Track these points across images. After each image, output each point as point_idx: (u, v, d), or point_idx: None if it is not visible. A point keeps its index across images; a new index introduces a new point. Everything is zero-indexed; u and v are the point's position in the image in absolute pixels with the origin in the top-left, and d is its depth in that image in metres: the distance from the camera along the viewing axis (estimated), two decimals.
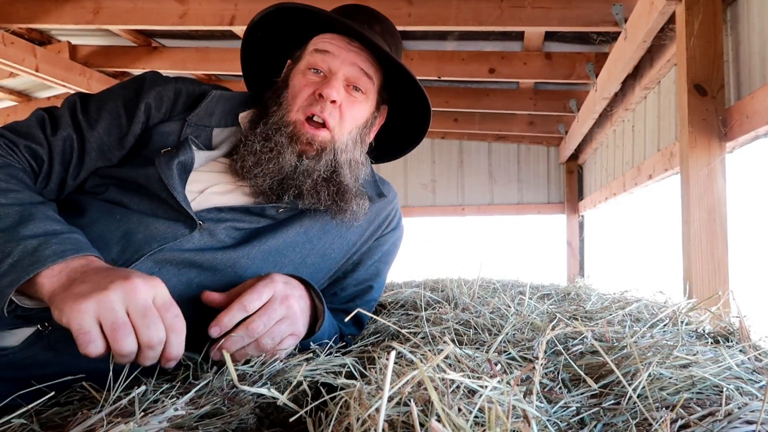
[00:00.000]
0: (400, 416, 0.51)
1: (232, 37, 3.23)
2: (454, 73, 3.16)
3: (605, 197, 3.42)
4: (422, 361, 0.67)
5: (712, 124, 1.50)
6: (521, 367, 0.72)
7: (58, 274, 0.71)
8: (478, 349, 0.80)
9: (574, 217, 4.57)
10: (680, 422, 0.53)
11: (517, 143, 4.84)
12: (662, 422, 0.52)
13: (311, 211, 1.02)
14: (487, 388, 0.52)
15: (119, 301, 0.67)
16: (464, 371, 0.65)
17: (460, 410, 0.51)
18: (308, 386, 0.69)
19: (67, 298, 0.67)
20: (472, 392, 0.56)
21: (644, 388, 0.60)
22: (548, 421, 0.56)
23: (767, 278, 2.27)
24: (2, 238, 0.72)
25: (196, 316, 0.84)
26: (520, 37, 2.91)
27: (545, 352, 0.79)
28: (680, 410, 0.55)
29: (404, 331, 0.95)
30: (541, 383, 0.65)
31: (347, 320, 1.02)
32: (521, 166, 4.85)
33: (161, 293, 0.72)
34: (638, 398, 0.59)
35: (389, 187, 1.21)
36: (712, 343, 0.86)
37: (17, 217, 0.75)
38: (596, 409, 0.59)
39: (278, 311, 0.82)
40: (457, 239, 5.42)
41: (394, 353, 0.46)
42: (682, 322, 0.97)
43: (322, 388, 0.69)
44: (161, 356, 0.71)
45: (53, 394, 0.72)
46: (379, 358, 0.74)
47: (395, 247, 1.21)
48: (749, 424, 0.52)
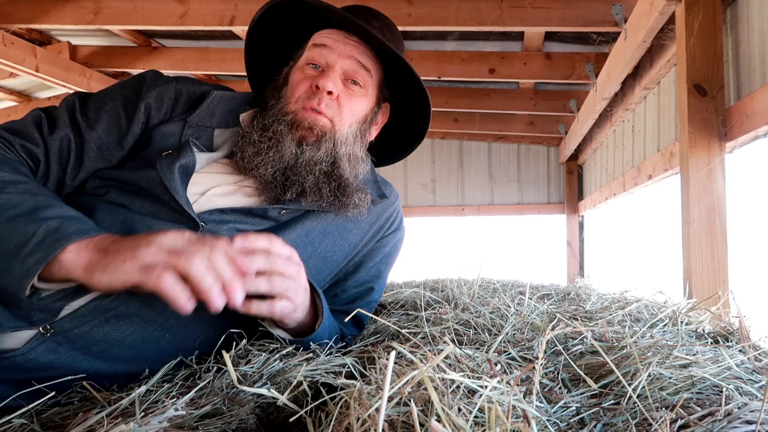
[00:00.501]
0: (400, 416, 0.51)
1: (232, 37, 3.23)
2: (454, 73, 3.16)
3: (605, 197, 3.42)
4: (422, 361, 0.67)
5: (711, 124, 1.50)
6: (521, 367, 0.72)
7: (84, 248, 0.72)
8: (478, 349, 0.80)
9: (574, 217, 4.56)
10: (680, 422, 0.53)
11: (517, 143, 4.84)
12: (662, 422, 0.52)
13: (313, 213, 1.02)
14: (487, 388, 0.52)
15: (167, 242, 0.70)
16: (464, 371, 0.65)
17: (460, 410, 0.51)
18: (308, 386, 0.69)
19: (112, 260, 0.69)
20: (472, 392, 0.56)
21: (644, 388, 0.60)
22: (548, 421, 0.56)
23: (767, 278, 2.27)
24: (23, 221, 0.73)
25: (201, 318, 0.84)
26: (520, 37, 2.91)
27: (545, 352, 0.79)
28: (680, 410, 0.55)
29: (404, 331, 0.95)
30: (541, 383, 0.65)
31: (347, 320, 1.02)
32: (521, 166, 4.85)
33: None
34: (638, 398, 0.59)
35: (391, 188, 1.21)
36: (711, 343, 0.86)
37: (33, 203, 0.76)
38: (596, 409, 0.59)
39: (293, 269, 0.81)
40: (457, 239, 5.42)
41: (394, 353, 0.46)
42: (681, 322, 0.97)
43: (322, 388, 0.69)
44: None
45: (53, 394, 0.73)
46: (379, 358, 0.74)
47: (396, 248, 1.21)
48: (749, 424, 0.52)
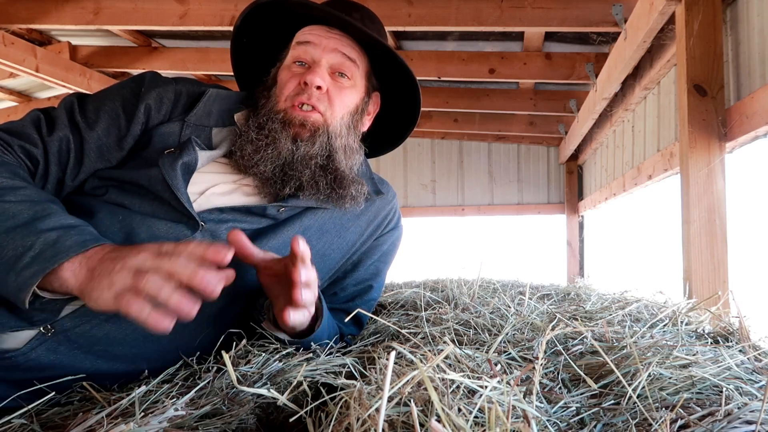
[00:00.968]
0: (400, 416, 0.51)
1: None
2: (454, 73, 3.15)
3: (605, 197, 3.42)
4: (422, 361, 0.67)
5: (711, 124, 1.50)
6: (521, 367, 0.72)
7: (79, 266, 0.72)
8: (478, 349, 0.80)
9: (574, 217, 4.56)
10: (680, 422, 0.53)
11: (517, 143, 4.84)
12: (662, 422, 0.52)
13: (311, 210, 1.02)
14: (487, 388, 0.52)
15: (135, 263, 0.71)
16: (464, 371, 0.65)
17: (460, 410, 0.51)
18: (308, 386, 0.69)
19: (96, 285, 0.70)
20: (472, 392, 0.56)
21: (644, 388, 0.60)
22: (548, 421, 0.56)
23: (767, 278, 2.27)
24: (21, 232, 0.73)
25: (200, 316, 0.84)
26: (520, 37, 2.91)
27: (545, 352, 0.79)
28: (680, 410, 0.55)
29: (404, 331, 0.95)
30: (541, 383, 0.65)
31: (347, 320, 1.02)
32: (521, 166, 4.85)
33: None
34: (638, 398, 0.59)
35: (388, 186, 1.21)
36: (711, 343, 0.86)
37: (31, 212, 0.76)
38: (596, 409, 0.59)
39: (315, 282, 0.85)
40: (457, 239, 5.42)
41: (394, 353, 0.46)
42: (681, 322, 0.97)
43: (322, 388, 0.69)
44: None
45: (53, 394, 0.73)
46: (379, 358, 0.74)
47: (394, 246, 1.22)
48: (749, 424, 0.52)
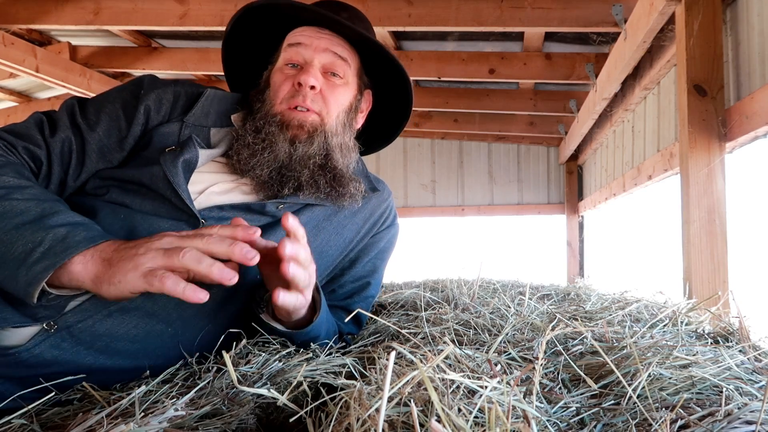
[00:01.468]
0: (400, 416, 0.51)
1: None
2: (454, 73, 3.16)
3: (605, 197, 3.42)
4: (422, 361, 0.67)
5: (711, 124, 1.50)
6: (521, 367, 0.72)
7: (91, 259, 0.73)
8: (478, 349, 0.80)
9: (573, 217, 4.56)
10: (680, 422, 0.53)
11: (517, 143, 4.84)
12: (662, 422, 0.52)
13: (310, 208, 1.03)
14: (487, 388, 0.52)
15: (161, 244, 0.73)
16: (464, 371, 0.65)
17: (460, 410, 0.51)
18: (308, 386, 0.69)
19: (116, 272, 0.71)
20: (472, 392, 0.56)
21: (644, 388, 0.60)
22: (548, 421, 0.56)
23: (767, 278, 2.27)
24: (30, 228, 0.74)
25: (202, 311, 0.85)
26: (520, 37, 2.91)
27: (545, 352, 0.79)
28: (680, 410, 0.55)
29: (404, 331, 0.95)
30: (541, 383, 0.65)
31: (347, 320, 1.02)
32: (521, 166, 4.85)
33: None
34: (638, 398, 0.59)
35: (383, 184, 1.23)
36: (711, 343, 0.86)
37: (39, 210, 0.77)
38: (596, 409, 0.59)
39: (313, 267, 0.83)
40: (457, 240, 5.42)
41: (394, 353, 0.46)
42: (681, 322, 0.97)
43: (322, 388, 0.69)
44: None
45: (54, 394, 0.73)
46: (379, 358, 0.74)
47: (391, 244, 1.23)
48: (749, 424, 0.52)
